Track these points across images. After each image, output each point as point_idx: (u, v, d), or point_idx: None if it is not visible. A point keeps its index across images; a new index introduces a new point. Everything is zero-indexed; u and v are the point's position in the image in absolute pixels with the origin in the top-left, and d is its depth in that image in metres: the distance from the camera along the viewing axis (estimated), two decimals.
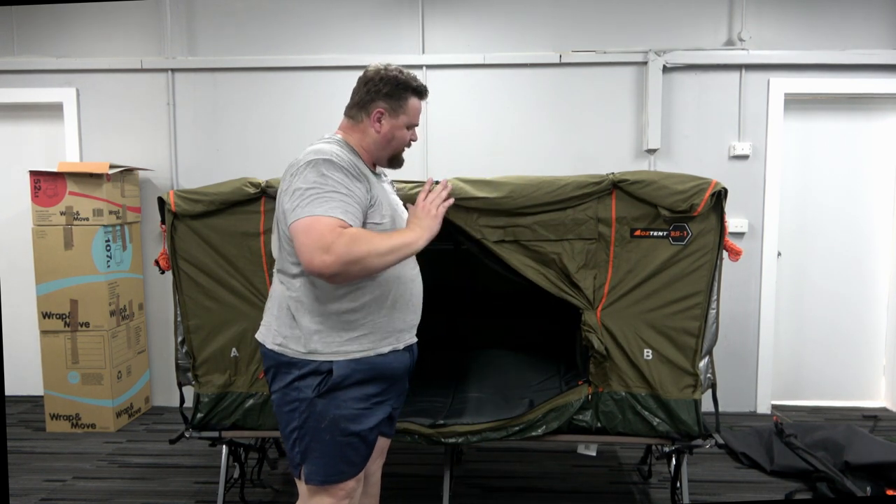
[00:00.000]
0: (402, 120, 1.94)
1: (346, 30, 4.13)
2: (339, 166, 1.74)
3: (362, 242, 1.65)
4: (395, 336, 1.89)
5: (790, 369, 4.31)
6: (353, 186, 1.75)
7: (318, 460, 1.84)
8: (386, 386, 1.91)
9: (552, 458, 3.47)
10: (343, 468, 1.85)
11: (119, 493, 3.12)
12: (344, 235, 1.63)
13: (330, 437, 1.82)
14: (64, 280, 3.82)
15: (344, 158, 1.79)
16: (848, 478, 3.00)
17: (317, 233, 1.63)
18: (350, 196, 1.72)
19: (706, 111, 4.05)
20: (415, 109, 1.97)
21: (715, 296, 2.42)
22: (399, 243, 1.75)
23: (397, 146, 1.97)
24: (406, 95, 1.93)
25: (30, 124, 4.42)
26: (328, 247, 1.61)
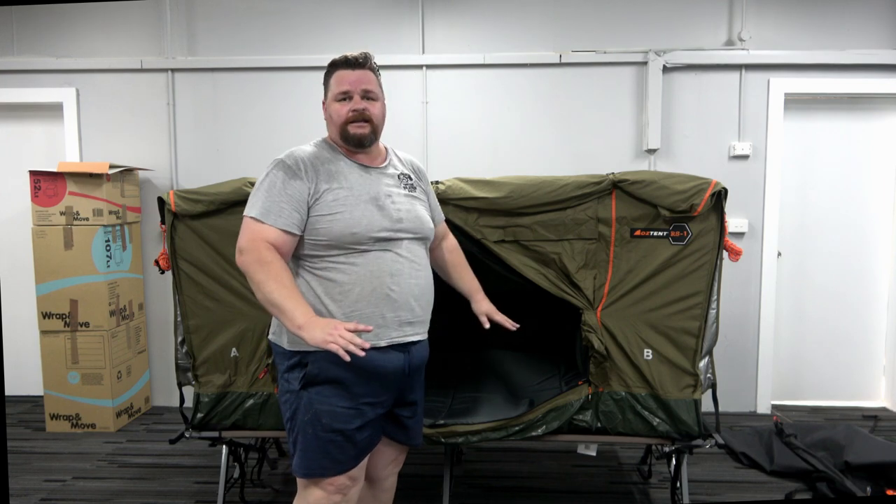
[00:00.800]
0: (330, 97, 1.97)
1: (345, 30, 4.13)
2: (285, 165, 1.85)
3: (260, 273, 1.75)
4: (372, 332, 1.84)
5: (790, 369, 4.31)
6: (289, 184, 1.83)
7: (302, 453, 1.86)
8: (374, 385, 1.88)
9: (552, 458, 3.47)
10: (326, 464, 1.85)
11: (119, 493, 3.12)
12: (256, 253, 1.77)
13: (313, 431, 1.83)
14: (64, 280, 3.82)
15: (296, 157, 1.87)
16: (848, 478, 3.00)
17: (242, 233, 1.83)
18: (281, 195, 1.81)
19: (706, 111, 4.05)
20: (338, 80, 1.95)
21: (715, 296, 2.42)
22: (281, 304, 1.72)
23: (338, 123, 1.93)
24: (330, 73, 1.98)
25: (30, 124, 4.41)
26: (242, 250, 1.80)
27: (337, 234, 1.84)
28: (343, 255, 1.86)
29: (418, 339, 1.98)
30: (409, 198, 2.00)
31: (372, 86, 1.95)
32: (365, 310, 1.85)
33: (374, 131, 1.95)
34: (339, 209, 1.84)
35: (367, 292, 1.85)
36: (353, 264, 1.85)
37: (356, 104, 1.92)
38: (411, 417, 2.06)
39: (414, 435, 2.11)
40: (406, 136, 4.12)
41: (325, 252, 1.86)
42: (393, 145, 2.18)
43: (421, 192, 2.08)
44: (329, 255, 1.86)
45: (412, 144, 4.12)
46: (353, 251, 1.85)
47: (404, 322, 1.92)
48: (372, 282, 1.86)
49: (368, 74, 1.96)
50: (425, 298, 1.99)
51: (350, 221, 1.84)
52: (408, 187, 2.03)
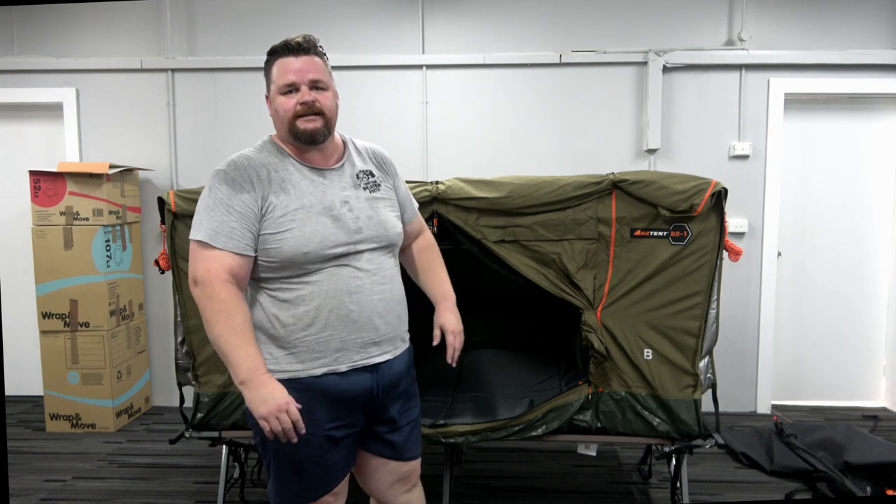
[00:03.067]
0: (273, 90, 1.73)
1: (345, 30, 4.13)
2: (228, 177, 1.67)
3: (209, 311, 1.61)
4: (331, 356, 1.69)
5: (790, 369, 4.31)
6: (235, 199, 1.64)
7: (274, 482, 1.75)
8: (339, 410, 1.72)
9: (552, 458, 3.47)
10: (299, 491, 1.74)
11: (119, 493, 3.12)
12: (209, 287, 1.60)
13: (281, 460, 1.71)
14: (64, 280, 3.82)
15: (241, 166, 1.69)
16: (848, 478, 3.00)
17: (193, 261, 1.65)
18: (228, 213, 1.63)
19: (706, 111, 4.05)
20: (281, 70, 1.71)
21: (715, 296, 2.42)
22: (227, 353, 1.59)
23: (285, 118, 1.71)
24: (270, 62, 1.74)
25: (30, 124, 4.41)
26: (196, 282, 1.63)
27: (288, 254, 1.65)
28: (297, 276, 1.68)
29: (386, 358, 1.78)
30: (371, 200, 1.78)
31: (320, 74, 1.72)
32: (321, 334, 1.68)
33: (327, 125, 1.73)
34: (288, 226, 1.65)
35: (323, 314, 1.67)
36: (307, 283, 1.67)
37: (304, 96, 1.69)
38: (391, 432, 1.86)
39: (402, 449, 1.89)
40: (406, 136, 4.12)
41: (276, 273, 1.68)
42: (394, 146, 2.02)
43: (386, 188, 1.86)
44: (282, 276, 1.68)
45: (412, 144, 4.12)
46: (305, 271, 1.67)
47: (368, 343, 1.73)
48: (328, 302, 1.67)
49: (315, 61, 1.72)
50: (393, 314, 1.79)
51: (301, 240, 1.64)
52: (369, 187, 1.80)
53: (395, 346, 1.82)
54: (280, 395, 1.58)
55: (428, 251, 2.06)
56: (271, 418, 1.57)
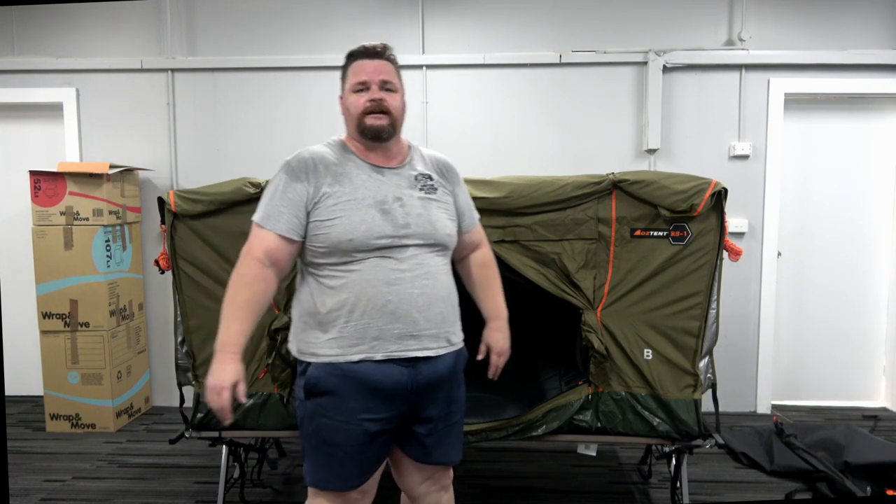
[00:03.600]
0: (347, 89, 1.87)
1: (345, 30, 4.13)
2: (289, 167, 1.80)
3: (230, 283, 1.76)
4: (367, 344, 1.75)
5: (790, 369, 4.31)
6: (289, 187, 1.78)
7: (308, 463, 1.82)
8: (373, 401, 1.76)
9: (552, 458, 3.47)
10: (328, 477, 1.78)
11: (119, 493, 3.12)
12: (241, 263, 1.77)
13: (315, 442, 1.78)
14: (64, 280, 3.82)
15: (302, 158, 1.81)
16: (848, 478, 3.00)
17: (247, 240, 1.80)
18: (282, 198, 1.77)
19: (706, 111, 4.05)
20: (356, 69, 1.85)
21: (715, 296, 2.42)
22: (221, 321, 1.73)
23: (355, 114, 1.83)
24: (347, 64, 1.90)
25: (30, 124, 4.41)
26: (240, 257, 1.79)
27: (334, 240, 1.74)
28: (342, 264, 1.76)
29: (427, 354, 1.80)
30: (425, 200, 1.85)
31: (391, 76, 1.85)
32: (360, 321, 1.74)
33: (393, 124, 1.84)
34: (338, 214, 1.75)
35: (362, 302, 1.74)
36: (350, 271, 1.75)
37: (373, 94, 1.82)
38: (429, 435, 1.87)
39: (434, 453, 1.90)
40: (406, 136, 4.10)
41: (324, 259, 1.77)
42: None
43: (444, 193, 1.93)
44: (329, 262, 1.77)
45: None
46: (351, 259, 1.75)
47: (405, 335, 1.76)
48: (367, 291, 1.74)
49: (387, 65, 1.86)
50: (434, 310, 1.80)
51: (348, 227, 1.73)
52: (426, 189, 1.88)
53: (438, 345, 1.83)
54: (227, 376, 1.68)
55: (487, 268, 2.11)
56: (209, 391, 1.69)
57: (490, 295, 2.10)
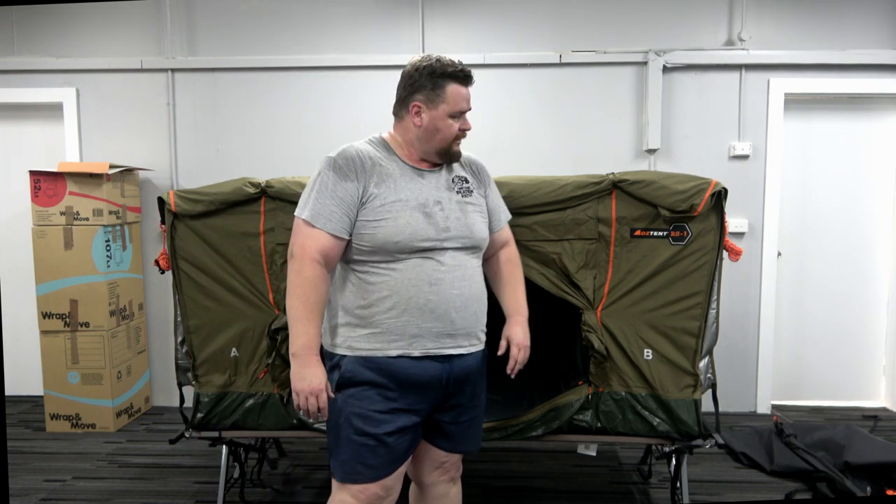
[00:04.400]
0: (441, 109, 1.86)
1: (345, 30, 4.13)
2: (336, 164, 1.80)
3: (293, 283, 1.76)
4: (406, 340, 1.80)
5: (790, 369, 4.31)
6: (339, 186, 1.78)
7: (337, 456, 1.83)
8: (406, 393, 1.82)
9: (552, 458, 3.47)
10: (359, 469, 1.80)
11: (119, 493, 3.12)
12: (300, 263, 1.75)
13: (346, 434, 1.80)
14: (64, 280, 3.82)
15: (349, 156, 1.81)
16: (848, 478, 3.00)
17: (294, 235, 1.80)
18: (332, 197, 1.77)
19: (706, 111, 4.05)
20: (456, 96, 1.87)
21: (715, 296, 2.42)
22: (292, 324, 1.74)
23: (444, 138, 1.88)
24: (442, 83, 1.86)
25: (30, 124, 4.41)
26: (292, 256, 1.78)
27: (380, 241, 1.78)
28: (384, 262, 1.81)
29: (461, 352, 1.88)
30: (462, 204, 1.91)
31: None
32: (400, 318, 1.79)
33: None
34: (384, 215, 1.78)
35: (403, 300, 1.79)
36: (393, 270, 1.80)
37: (467, 124, 1.92)
38: (453, 424, 1.95)
39: (459, 442, 2.00)
40: None
41: (367, 257, 1.81)
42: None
43: (478, 195, 1.99)
44: (371, 259, 1.81)
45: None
46: (393, 259, 1.80)
47: (442, 334, 1.83)
48: (409, 290, 1.80)
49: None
50: (469, 310, 1.88)
51: (394, 230, 1.78)
52: (462, 192, 1.94)
53: (470, 343, 1.91)
54: (318, 379, 1.74)
55: (512, 264, 2.15)
56: (302, 396, 1.73)
57: (514, 291, 2.15)
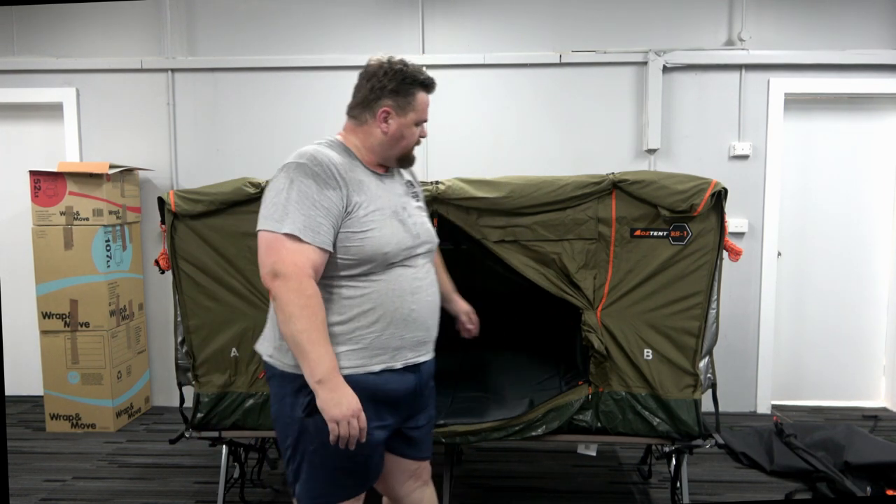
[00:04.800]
0: (410, 118, 1.80)
1: (345, 30, 4.13)
2: (312, 172, 1.64)
3: (295, 305, 1.57)
4: (389, 354, 1.73)
5: (790, 369, 4.31)
6: (322, 195, 1.63)
7: (308, 482, 1.74)
8: (384, 409, 1.76)
9: (552, 458, 3.47)
10: (334, 491, 1.75)
11: (119, 493, 3.12)
12: (297, 281, 1.58)
13: (321, 460, 1.70)
14: (64, 280, 3.82)
15: (322, 162, 1.66)
16: (848, 478, 3.00)
17: (274, 254, 1.60)
18: (315, 207, 1.62)
19: (706, 111, 4.05)
20: (423, 104, 1.83)
21: (715, 296, 2.42)
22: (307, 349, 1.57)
23: (407, 145, 1.83)
24: (413, 90, 1.80)
25: (30, 124, 4.41)
26: (281, 274, 1.58)
27: (369, 253, 1.68)
28: (364, 275, 1.71)
29: (428, 358, 1.85)
30: (419, 209, 1.89)
31: None
32: (385, 331, 1.72)
33: None
34: (370, 226, 1.69)
35: (389, 312, 1.71)
36: (375, 282, 1.71)
37: (425, 132, 1.89)
38: (417, 429, 1.91)
39: (426, 446, 1.97)
40: None
41: (347, 271, 1.70)
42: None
43: (422, 198, 2.00)
44: (351, 273, 1.70)
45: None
46: (374, 270, 1.71)
47: (419, 342, 1.80)
48: (394, 301, 1.72)
49: None
50: (437, 315, 1.87)
51: (382, 240, 1.69)
52: (415, 196, 1.91)
53: (433, 346, 1.90)
54: (355, 400, 1.61)
55: (438, 254, 2.16)
56: (343, 423, 1.58)
57: (444, 274, 2.24)
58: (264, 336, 1.82)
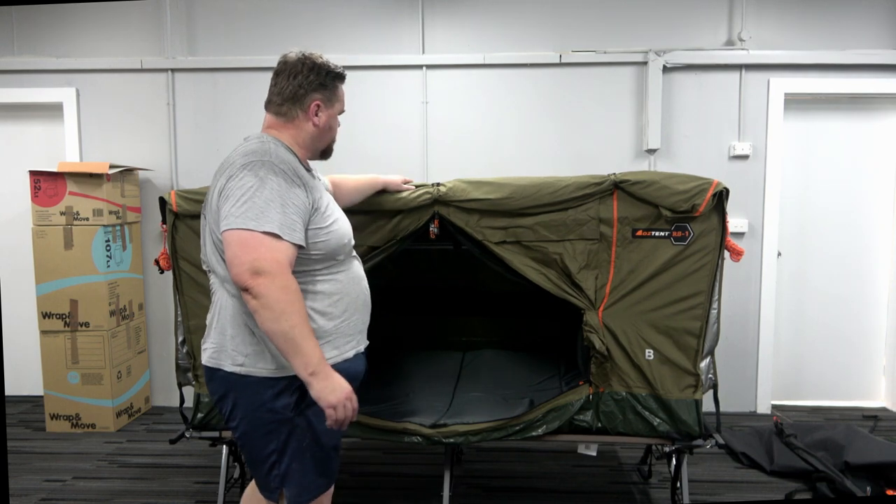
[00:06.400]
0: (336, 108, 1.90)
1: (345, 30, 4.13)
2: (280, 170, 1.67)
3: (284, 302, 1.57)
4: (356, 338, 1.87)
5: (790, 369, 4.31)
6: (291, 193, 1.66)
7: (301, 479, 1.77)
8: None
9: (552, 458, 3.47)
10: (323, 481, 1.83)
11: (119, 493, 3.12)
12: (281, 278, 1.58)
13: (311, 454, 1.76)
14: (64, 280, 3.82)
15: (285, 160, 1.71)
16: (848, 478, 3.00)
17: (253, 251, 1.58)
18: (287, 205, 1.64)
19: (706, 111, 4.05)
20: (343, 96, 1.93)
21: (716, 296, 2.42)
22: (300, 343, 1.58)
23: (331, 137, 1.93)
24: (336, 83, 1.89)
25: (30, 124, 4.41)
26: (263, 272, 1.57)
27: (333, 246, 1.77)
28: (327, 268, 1.78)
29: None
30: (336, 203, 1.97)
31: None
32: (352, 318, 1.84)
33: None
34: (330, 220, 1.78)
35: (352, 299, 1.84)
36: (338, 272, 1.81)
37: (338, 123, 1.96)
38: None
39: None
40: (406, 136, 4.12)
41: (313, 266, 1.75)
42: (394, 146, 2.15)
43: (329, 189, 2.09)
44: (316, 268, 1.76)
45: (412, 145, 4.12)
46: (338, 261, 1.81)
47: (366, 325, 1.95)
48: (354, 288, 1.86)
49: None
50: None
51: (342, 231, 1.82)
52: (326, 188, 2.00)
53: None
54: (346, 384, 1.67)
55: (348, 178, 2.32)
56: (340, 406, 1.63)
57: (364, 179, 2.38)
58: (220, 348, 1.75)
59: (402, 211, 2.45)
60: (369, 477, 3.28)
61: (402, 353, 3.47)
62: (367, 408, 2.68)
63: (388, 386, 3.04)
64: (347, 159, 4.05)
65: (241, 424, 1.75)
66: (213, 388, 1.78)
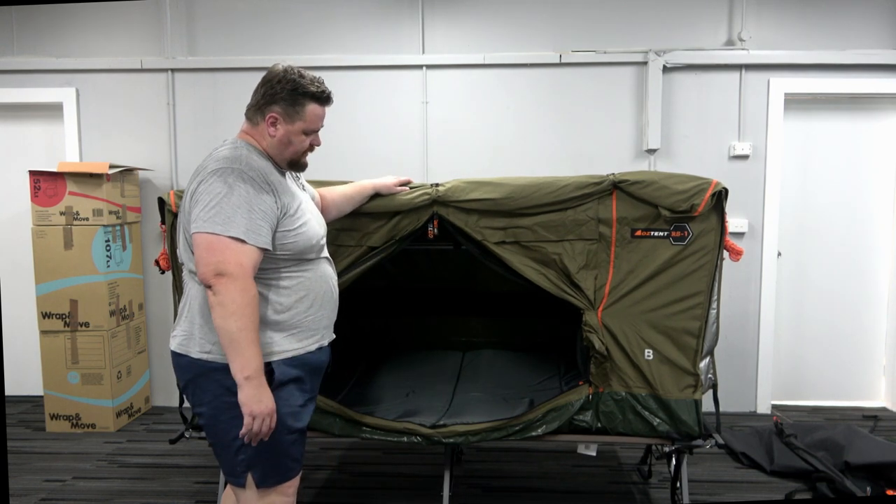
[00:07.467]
0: (297, 126, 1.90)
1: (345, 30, 4.13)
2: (248, 177, 1.76)
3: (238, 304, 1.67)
4: (320, 333, 1.95)
5: (790, 369, 4.31)
6: (259, 199, 1.75)
7: (266, 463, 1.84)
8: (313, 381, 1.97)
9: (552, 458, 3.47)
10: (290, 465, 1.89)
11: (119, 493, 3.12)
12: (243, 281, 1.69)
13: (277, 436, 1.81)
14: (64, 280, 3.82)
15: (255, 167, 1.79)
16: (848, 478, 3.00)
17: (219, 254, 1.69)
18: (254, 211, 1.74)
19: (706, 111, 4.05)
20: (313, 116, 1.92)
21: (715, 296, 2.42)
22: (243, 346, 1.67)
23: (295, 151, 1.93)
24: (303, 101, 1.89)
25: (30, 124, 4.41)
26: (227, 274, 1.68)
27: (302, 247, 1.86)
28: (296, 265, 1.88)
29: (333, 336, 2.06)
30: (313, 203, 2.08)
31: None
32: (317, 313, 1.92)
33: None
34: (299, 222, 1.86)
35: (318, 296, 1.92)
36: (306, 269, 1.90)
37: (317, 141, 1.98)
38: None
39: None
40: (406, 136, 4.12)
41: (281, 264, 1.85)
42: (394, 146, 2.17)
43: (307, 187, 2.13)
44: (283, 266, 1.86)
45: (412, 145, 4.11)
46: (306, 259, 1.90)
47: (332, 321, 2.03)
48: (321, 286, 1.94)
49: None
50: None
51: (311, 232, 1.89)
52: (301, 188, 2.05)
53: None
54: (272, 401, 1.75)
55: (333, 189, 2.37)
56: (259, 419, 1.71)
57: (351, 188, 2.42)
58: (188, 336, 1.84)
59: (400, 211, 2.45)
60: (369, 477, 3.28)
61: (401, 353, 3.47)
62: (366, 408, 2.69)
63: (387, 386, 3.04)
64: (348, 159, 4.06)
65: (206, 410, 1.84)
66: (180, 374, 1.88)
